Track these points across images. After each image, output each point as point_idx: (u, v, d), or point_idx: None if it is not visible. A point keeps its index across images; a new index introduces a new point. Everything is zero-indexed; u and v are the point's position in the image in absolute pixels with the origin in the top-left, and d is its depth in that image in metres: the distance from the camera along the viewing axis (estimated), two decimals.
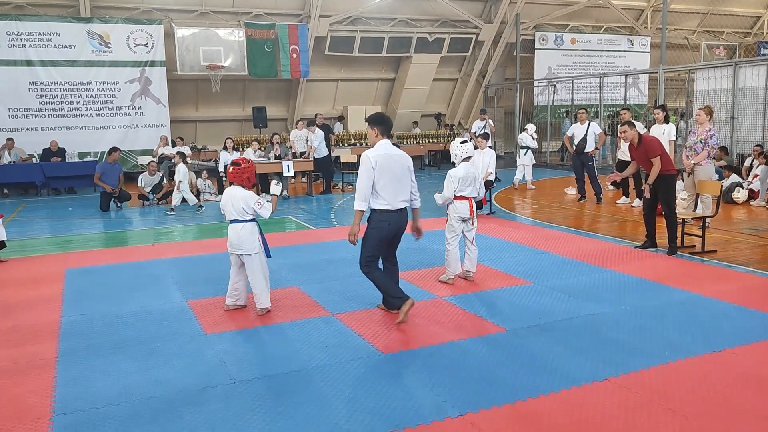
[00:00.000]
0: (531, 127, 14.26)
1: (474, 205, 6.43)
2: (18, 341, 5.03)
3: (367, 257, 5.14)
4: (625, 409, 3.65)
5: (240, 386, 4.08)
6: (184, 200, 11.64)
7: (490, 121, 14.67)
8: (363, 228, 5.19)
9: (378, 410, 3.69)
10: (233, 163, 5.51)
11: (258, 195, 5.63)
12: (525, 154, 13.98)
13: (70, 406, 3.85)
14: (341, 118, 20.07)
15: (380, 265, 5.33)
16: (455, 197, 6.30)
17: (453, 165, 6.49)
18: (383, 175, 4.92)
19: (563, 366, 4.27)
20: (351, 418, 3.61)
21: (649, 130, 10.70)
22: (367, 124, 5.20)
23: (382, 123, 5.11)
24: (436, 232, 7.62)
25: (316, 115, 15.31)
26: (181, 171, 11.42)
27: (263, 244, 5.55)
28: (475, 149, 10.33)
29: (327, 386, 4.05)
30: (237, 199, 5.39)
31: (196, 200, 11.72)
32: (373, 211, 5.08)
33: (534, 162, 14.28)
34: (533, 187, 14.04)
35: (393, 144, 5.20)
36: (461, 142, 6.43)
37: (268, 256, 5.60)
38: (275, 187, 5.51)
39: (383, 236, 5.08)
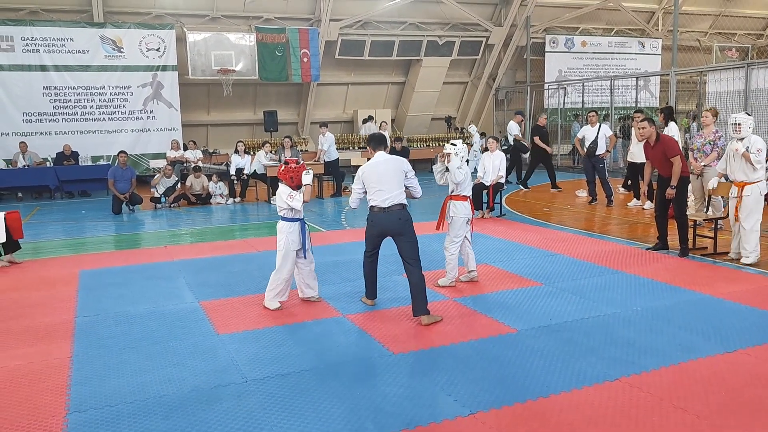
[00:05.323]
0: (473, 127, 16.86)
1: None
2: (33, 341, 5.10)
3: (365, 249, 5.80)
4: (636, 408, 3.64)
5: (252, 385, 4.11)
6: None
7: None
8: None
9: (389, 409, 3.71)
10: (284, 162, 5.85)
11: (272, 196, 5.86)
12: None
13: (85, 403, 3.90)
14: (371, 118, 19.81)
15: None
16: (462, 197, 6.30)
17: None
18: (367, 182, 5.57)
19: (574, 366, 4.27)
20: (362, 416, 3.63)
21: None
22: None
23: (371, 140, 5.83)
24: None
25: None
26: None
27: (303, 243, 5.73)
28: (486, 151, 10.48)
29: (339, 385, 4.07)
30: (279, 195, 5.72)
31: None
32: (368, 209, 5.70)
33: None
34: None
35: (395, 149, 5.69)
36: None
37: (304, 257, 5.79)
38: (306, 177, 5.65)
39: (371, 232, 5.66)
